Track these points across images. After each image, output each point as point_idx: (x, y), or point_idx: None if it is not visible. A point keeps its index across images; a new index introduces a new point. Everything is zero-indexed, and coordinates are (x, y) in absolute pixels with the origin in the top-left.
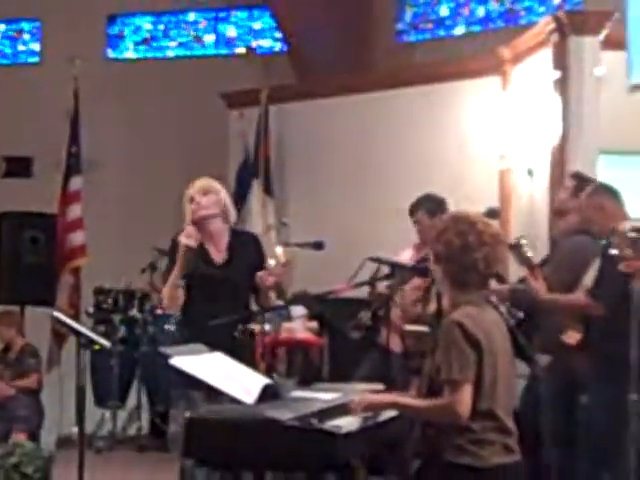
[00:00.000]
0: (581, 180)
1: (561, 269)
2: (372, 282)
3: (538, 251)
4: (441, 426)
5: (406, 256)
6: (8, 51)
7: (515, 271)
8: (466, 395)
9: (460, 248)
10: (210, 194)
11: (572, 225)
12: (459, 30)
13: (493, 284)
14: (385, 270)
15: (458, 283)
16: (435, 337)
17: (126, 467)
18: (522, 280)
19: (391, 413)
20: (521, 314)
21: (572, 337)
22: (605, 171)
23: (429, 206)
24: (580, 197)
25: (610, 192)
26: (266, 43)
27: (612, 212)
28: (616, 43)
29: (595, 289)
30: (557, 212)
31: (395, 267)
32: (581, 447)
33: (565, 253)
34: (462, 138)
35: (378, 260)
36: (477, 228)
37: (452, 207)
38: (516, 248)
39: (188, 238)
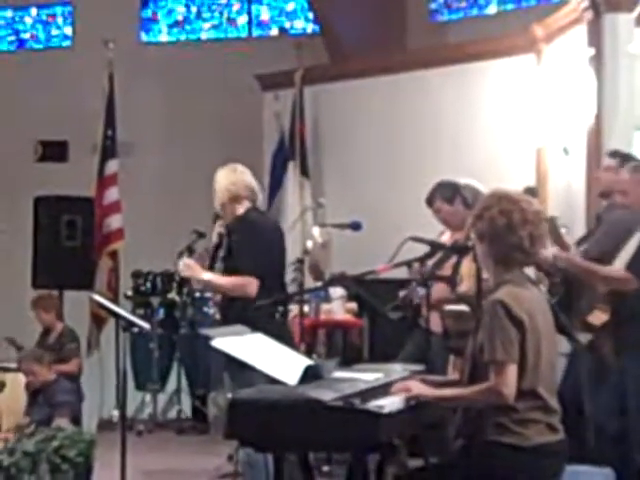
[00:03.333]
0: (622, 158)
1: (600, 241)
2: (413, 262)
3: (575, 231)
4: (483, 406)
5: (444, 238)
6: (41, 35)
7: None
8: (511, 376)
9: (505, 226)
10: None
11: (616, 202)
12: (492, 9)
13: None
14: (425, 250)
15: (502, 262)
16: (475, 317)
17: (167, 450)
18: None
19: None
20: (558, 278)
21: (598, 318)
22: None
23: (445, 193)
24: (622, 174)
25: None
26: (299, 24)
27: None
28: None
29: (633, 264)
30: (603, 194)
31: (435, 246)
32: (621, 428)
33: (606, 226)
34: (496, 117)
35: (419, 239)
36: (521, 206)
37: (488, 187)
38: (549, 223)
39: (187, 270)
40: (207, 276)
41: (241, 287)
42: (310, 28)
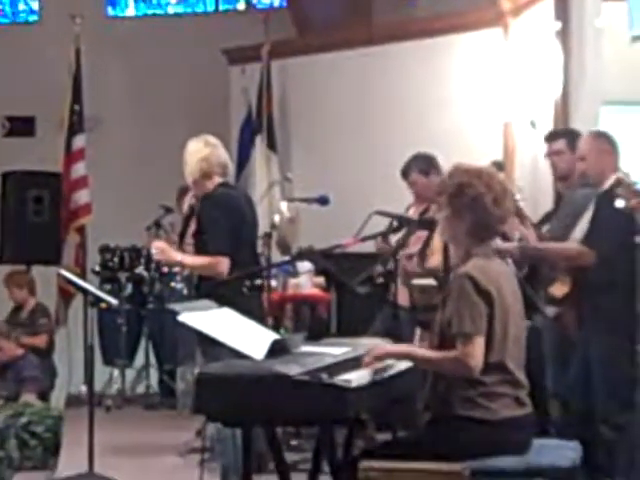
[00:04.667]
0: (570, 135)
1: (563, 221)
2: (379, 235)
3: (541, 204)
4: (451, 380)
5: (410, 212)
6: (8, 10)
7: None
8: (478, 348)
9: (493, 200)
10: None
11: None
12: None
13: (499, 241)
14: (393, 224)
15: (476, 235)
16: (443, 290)
17: (135, 425)
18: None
19: (400, 367)
20: (525, 269)
21: (559, 289)
22: (608, 121)
23: (421, 165)
24: (578, 148)
25: (609, 140)
26: None
27: (611, 160)
28: None
29: (589, 238)
30: (563, 178)
31: (402, 220)
32: (583, 401)
33: (567, 206)
34: (464, 91)
35: (385, 214)
36: (498, 179)
37: (455, 160)
38: None
39: (160, 254)
40: (179, 257)
41: (211, 267)
42: (277, 2)
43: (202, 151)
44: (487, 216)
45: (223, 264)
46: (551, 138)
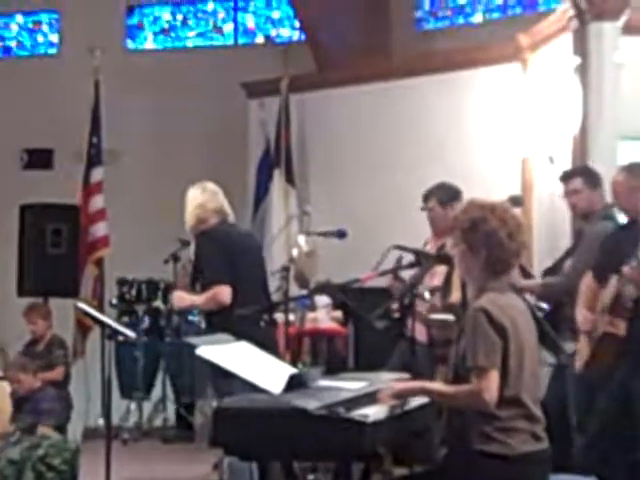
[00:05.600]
0: (585, 172)
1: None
2: (396, 270)
3: (560, 240)
4: (468, 414)
5: (428, 247)
6: (27, 43)
7: None
8: (493, 382)
9: (507, 235)
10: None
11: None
12: (478, 17)
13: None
14: (409, 258)
15: (492, 271)
16: (460, 325)
17: (152, 458)
18: (547, 271)
19: (418, 402)
20: (545, 306)
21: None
22: (626, 157)
23: (442, 196)
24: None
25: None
26: (285, 32)
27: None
28: (636, 29)
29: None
30: (583, 216)
31: (419, 255)
32: (610, 436)
33: (588, 241)
34: (482, 126)
35: (403, 248)
36: (511, 214)
37: (473, 195)
38: None
39: (179, 302)
40: (190, 300)
41: (212, 299)
42: (296, 36)
43: (197, 198)
44: (502, 250)
45: (223, 292)
46: (567, 178)
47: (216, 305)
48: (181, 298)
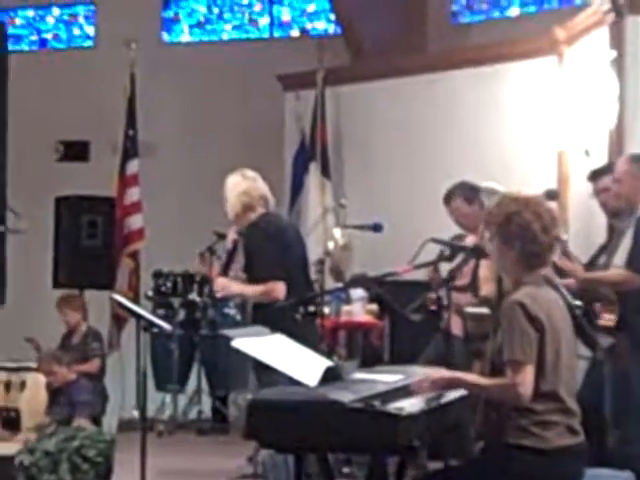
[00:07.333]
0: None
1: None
2: (434, 264)
3: (596, 233)
4: (504, 408)
5: (468, 241)
6: (63, 35)
7: None
8: (529, 376)
9: (541, 228)
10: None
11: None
12: (514, 11)
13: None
14: (446, 252)
15: (527, 264)
16: (496, 319)
17: (187, 451)
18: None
19: (453, 396)
20: (578, 302)
21: (609, 320)
22: None
23: (466, 193)
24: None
25: None
26: (320, 25)
27: None
28: None
29: (633, 262)
30: (614, 214)
31: (456, 249)
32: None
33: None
34: (518, 119)
35: (439, 241)
36: (545, 207)
37: (509, 189)
38: None
39: (221, 290)
40: (238, 288)
41: (269, 293)
42: (332, 29)
43: (241, 184)
44: (536, 244)
45: (280, 289)
46: (595, 177)
47: (272, 300)
48: (226, 286)
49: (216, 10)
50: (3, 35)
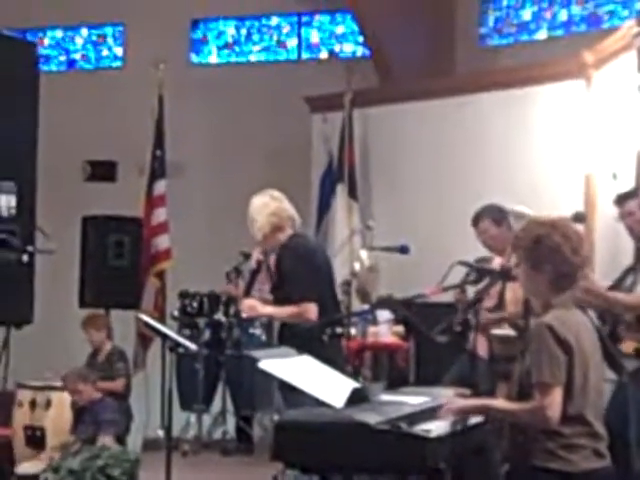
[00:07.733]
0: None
1: None
2: (461, 286)
3: (622, 256)
4: (531, 431)
5: (495, 263)
6: (92, 56)
7: None
8: (557, 398)
9: (571, 250)
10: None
11: None
12: (542, 34)
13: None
14: (472, 275)
15: (557, 286)
16: (522, 341)
17: (212, 471)
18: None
19: (478, 418)
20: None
21: (629, 346)
22: None
23: (494, 215)
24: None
25: None
26: (349, 47)
27: None
28: None
29: None
30: None
31: (483, 272)
32: None
33: None
34: (545, 142)
35: (466, 264)
36: (573, 229)
37: (537, 212)
38: None
39: (249, 311)
40: (268, 310)
41: (301, 315)
42: (360, 51)
43: (270, 205)
44: (567, 265)
45: (312, 310)
46: (621, 201)
47: (304, 321)
48: (254, 307)
49: (244, 31)
50: (35, 56)
